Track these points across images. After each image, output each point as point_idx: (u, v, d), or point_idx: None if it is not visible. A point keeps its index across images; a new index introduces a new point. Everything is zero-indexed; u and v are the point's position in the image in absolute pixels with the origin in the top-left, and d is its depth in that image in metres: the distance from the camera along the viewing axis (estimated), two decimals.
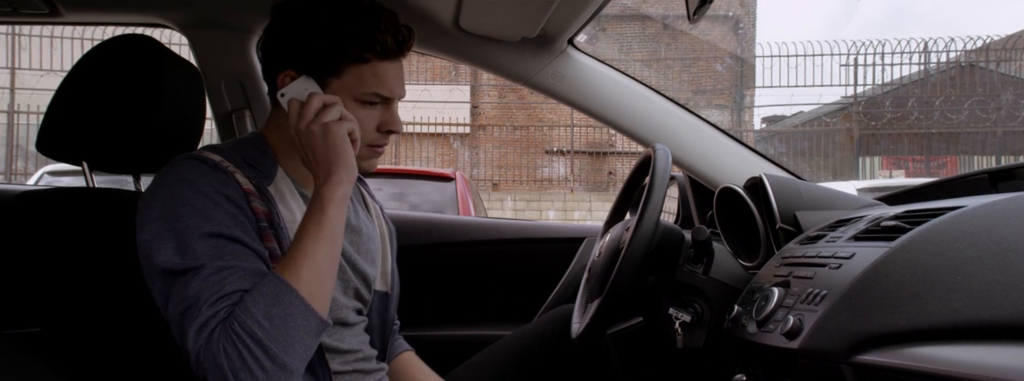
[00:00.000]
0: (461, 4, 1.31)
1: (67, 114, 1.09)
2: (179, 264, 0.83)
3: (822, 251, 0.91)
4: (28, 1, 1.42)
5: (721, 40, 12.28)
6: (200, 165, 0.91)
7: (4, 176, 9.53)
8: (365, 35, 0.95)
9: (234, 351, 0.79)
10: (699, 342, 1.10)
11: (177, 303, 0.83)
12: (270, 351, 0.80)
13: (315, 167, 0.91)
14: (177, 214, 0.86)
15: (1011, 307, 0.62)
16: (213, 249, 0.84)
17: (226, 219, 0.87)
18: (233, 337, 0.79)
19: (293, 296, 0.82)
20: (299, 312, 0.82)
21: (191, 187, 0.88)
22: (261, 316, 0.80)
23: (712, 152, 1.51)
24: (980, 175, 1.13)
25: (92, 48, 1.11)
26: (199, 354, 0.80)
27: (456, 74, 11.75)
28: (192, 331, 0.80)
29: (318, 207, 0.88)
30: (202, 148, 0.97)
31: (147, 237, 0.86)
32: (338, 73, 0.97)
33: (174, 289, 0.83)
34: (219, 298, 0.82)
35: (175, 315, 0.83)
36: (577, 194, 10.79)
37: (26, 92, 9.52)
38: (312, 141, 0.91)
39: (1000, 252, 0.68)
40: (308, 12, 0.97)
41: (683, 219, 1.76)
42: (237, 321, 0.80)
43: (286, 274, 0.83)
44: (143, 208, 0.89)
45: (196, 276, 0.82)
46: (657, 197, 1.06)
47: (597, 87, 1.50)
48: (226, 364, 0.79)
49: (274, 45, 1.00)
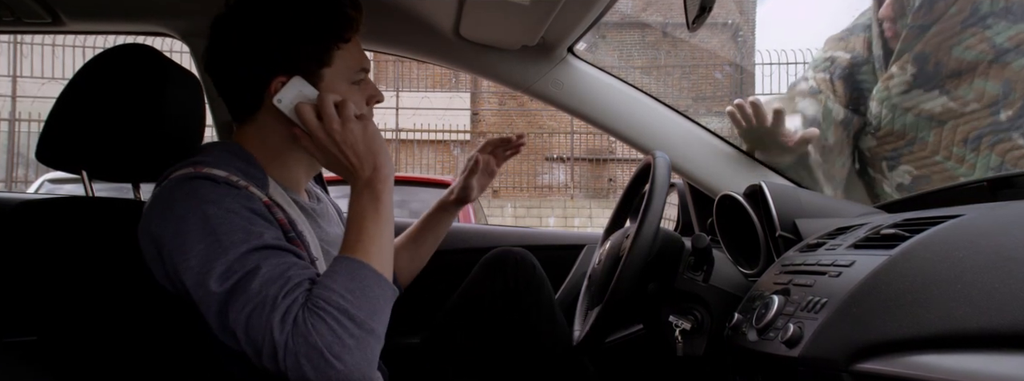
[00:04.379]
0: (461, 12, 1.32)
1: (67, 123, 1.09)
2: (231, 280, 0.83)
3: (822, 259, 0.91)
4: (31, 10, 1.42)
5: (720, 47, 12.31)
6: (214, 185, 0.90)
7: (4, 184, 9.53)
8: (340, 16, 0.97)
9: (323, 326, 0.79)
10: (699, 350, 1.10)
11: (240, 308, 0.81)
12: (357, 318, 0.81)
13: (357, 164, 0.93)
14: (217, 236, 0.85)
15: (1011, 316, 0.62)
16: (261, 257, 0.85)
17: (264, 231, 0.87)
18: (319, 313, 0.80)
19: (367, 270, 0.86)
20: (375, 283, 0.85)
21: (219, 207, 0.87)
22: (342, 290, 0.82)
23: (712, 159, 1.52)
24: (980, 183, 1.14)
25: (93, 57, 1.12)
26: (288, 341, 0.79)
27: (456, 81, 11.77)
28: (276, 322, 0.79)
29: (373, 196, 0.92)
30: (191, 163, 0.95)
31: (193, 264, 0.84)
32: (330, 62, 0.98)
33: (231, 300, 0.82)
34: (291, 288, 0.82)
35: (241, 319, 0.81)
36: (577, 201, 10.78)
37: (27, 100, 9.54)
38: (351, 139, 0.92)
39: (1000, 260, 0.68)
40: (274, 12, 0.96)
41: (683, 226, 1.76)
42: (320, 298, 0.81)
43: (356, 253, 0.87)
44: (174, 235, 0.86)
45: (254, 278, 0.82)
46: (657, 204, 1.06)
47: (597, 95, 1.51)
48: (318, 340, 0.78)
49: (251, 54, 0.97)
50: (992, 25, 1.55)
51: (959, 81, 1.58)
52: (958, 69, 1.58)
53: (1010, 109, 1.54)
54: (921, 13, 1.61)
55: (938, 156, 1.62)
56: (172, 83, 1.12)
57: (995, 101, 1.55)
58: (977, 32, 1.56)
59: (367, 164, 0.93)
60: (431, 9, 1.37)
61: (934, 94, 1.62)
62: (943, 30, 1.59)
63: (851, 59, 1.76)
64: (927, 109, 1.63)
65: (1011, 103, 1.54)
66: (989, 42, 1.55)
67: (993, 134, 1.55)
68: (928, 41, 1.61)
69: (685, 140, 1.51)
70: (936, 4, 1.60)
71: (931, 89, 1.62)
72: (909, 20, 1.63)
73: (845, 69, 1.76)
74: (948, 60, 1.59)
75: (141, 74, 1.10)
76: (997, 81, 1.55)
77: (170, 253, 0.86)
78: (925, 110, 1.63)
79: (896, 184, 1.71)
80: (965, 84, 1.58)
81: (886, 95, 1.69)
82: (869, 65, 1.74)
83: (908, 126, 1.66)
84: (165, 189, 0.92)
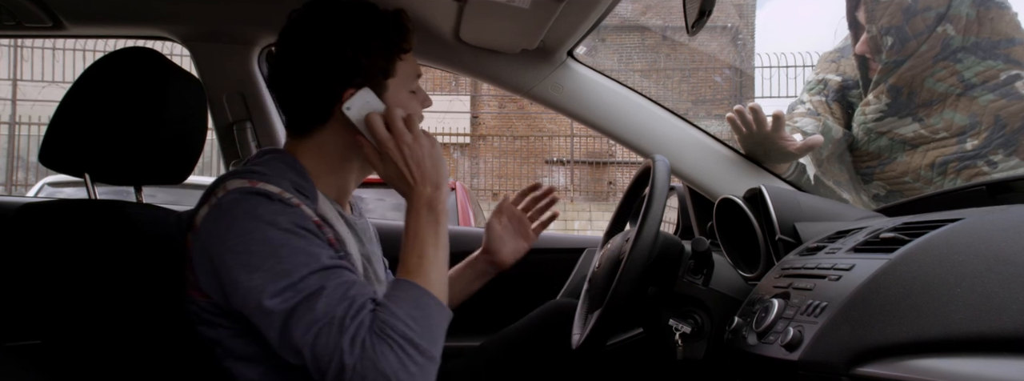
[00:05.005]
0: (461, 16, 1.32)
1: (70, 126, 1.09)
2: (295, 298, 0.85)
3: (822, 262, 0.92)
4: (32, 14, 1.43)
5: (720, 51, 12.32)
6: (269, 202, 0.91)
7: (4, 187, 9.52)
8: (401, 30, 1.03)
9: (391, 352, 0.83)
10: (699, 353, 1.10)
11: (306, 328, 0.84)
12: (420, 347, 0.85)
13: (419, 179, 0.96)
14: (278, 256, 0.87)
15: (1010, 319, 0.62)
16: (323, 277, 0.87)
17: (321, 252, 0.90)
18: (387, 340, 0.83)
19: (429, 297, 0.90)
20: (436, 311, 0.90)
21: (276, 227, 0.88)
22: (407, 318, 0.85)
23: (711, 163, 1.52)
24: (978, 187, 1.14)
25: (96, 61, 1.12)
26: (357, 365, 0.82)
27: (456, 84, 11.79)
28: (346, 344, 0.82)
29: (433, 216, 0.95)
30: (246, 174, 0.96)
31: (255, 284, 0.86)
32: (394, 72, 1.03)
33: (294, 320, 0.84)
34: (357, 310, 0.85)
35: (308, 339, 0.83)
36: (577, 204, 10.78)
37: (28, 103, 9.54)
38: (418, 154, 0.96)
39: (998, 264, 0.68)
40: (344, 25, 0.99)
41: (683, 230, 1.76)
42: (387, 325, 0.84)
43: (417, 279, 0.91)
44: (234, 253, 0.88)
45: (319, 297, 0.85)
46: (657, 208, 1.06)
47: (597, 98, 1.51)
48: (386, 367, 0.82)
49: (324, 65, 0.99)
50: (962, 59, 1.66)
51: (930, 110, 1.68)
52: (929, 99, 1.68)
53: (976, 139, 1.64)
54: (894, 51, 1.70)
55: (907, 177, 1.72)
56: (174, 86, 1.13)
57: (963, 131, 1.65)
58: (948, 65, 1.66)
59: (430, 181, 0.96)
60: (431, 13, 1.38)
61: (907, 121, 1.71)
62: (915, 65, 1.68)
63: (842, 82, 1.85)
64: (900, 134, 1.72)
65: (977, 134, 1.64)
66: (958, 76, 1.65)
67: (959, 161, 1.65)
68: (901, 75, 1.70)
69: (685, 143, 1.51)
70: (908, 43, 1.69)
71: (904, 117, 1.71)
72: (884, 56, 1.71)
73: (837, 92, 1.85)
74: (920, 91, 1.69)
75: (144, 77, 1.10)
76: (965, 113, 1.65)
77: (230, 269, 0.88)
78: (898, 135, 1.73)
79: (872, 194, 1.80)
80: (935, 114, 1.68)
81: (863, 119, 1.78)
82: (858, 88, 1.82)
83: (882, 148, 1.76)
84: (224, 205, 0.92)
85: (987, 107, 1.63)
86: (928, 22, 1.66)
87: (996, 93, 1.63)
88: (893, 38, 1.69)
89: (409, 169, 0.96)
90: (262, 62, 1.67)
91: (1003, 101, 1.63)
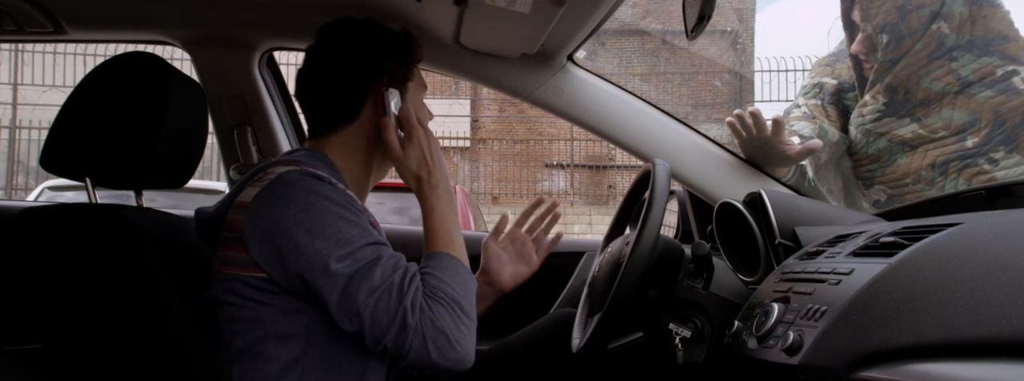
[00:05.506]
0: (461, 21, 1.33)
1: (71, 130, 1.10)
2: (354, 265, 0.94)
3: (821, 267, 0.92)
4: (33, 19, 1.43)
5: (719, 55, 12.33)
6: (322, 183, 0.99)
7: (4, 191, 9.53)
8: (412, 42, 1.18)
9: (447, 313, 0.95)
10: (699, 358, 1.10)
11: (367, 293, 0.93)
12: (466, 308, 0.97)
13: (437, 171, 1.10)
14: (337, 226, 0.96)
15: (1009, 324, 0.62)
16: (377, 250, 0.98)
17: (371, 230, 1.00)
18: (441, 303, 0.95)
19: (462, 266, 1.03)
20: (469, 278, 1.03)
21: (334, 202, 0.98)
22: (453, 282, 0.98)
23: (711, 167, 1.52)
24: (978, 192, 1.14)
25: (97, 65, 1.13)
26: (418, 324, 0.92)
27: (456, 88, 11.80)
28: (408, 306, 0.92)
29: (451, 205, 1.09)
30: (291, 161, 1.06)
31: (319, 248, 0.94)
32: (412, 77, 1.18)
33: (353, 285, 0.93)
34: (410, 277, 0.96)
35: (370, 303, 0.93)
36: (577, 207, 10.78)
37: (28, 107, 9.55)
38: (436, 148, 1.11)
39: (998, 269, 0.69)
40: (369, 36, 1.14)
41: (683, 234, 1.76)
42: (438, 290, 0.97)
43: (451, 250, 1.04)
44: (297, 223, 0.96)
45: (376, 266, 0.95)
46: (657, 212, 1.07)
47: (597, 102, 1.51)
48: (444, 325, 0.94)
49: (357, 66, 1.13)
50: (958, 58, 1.67)
51: (928, 110, 1.69)
52: (926, 99, 1.69)
53: (976, 136, 1.64)
54: (889, 49, 1.71)
55: (908, 179, 1.73)
56: (175, 91, 1.13)
57: (962, 129, 1.66)
58: (944, 64, 1.67)
59: (444, 172, 1.10)
60: (431, 17, 1.38)
61: (905, 121, 1.72)
62: (911, 63, 1.69)
63: (838, 85, 1.85)
64: (899, 135, 1.73)
65: (977, 131, 1.65)
66: (954, 74, 1.66)
67: (960, 159, 1.65)
68: (897, 74, 1.71)
69: (684, 147, 1.52)
70: (903, 41, 1.70)
71: (902, 117, 1.72)
72: (880, 55, 1.71)
73: (833, 95, 1.86)
74: (917, 90, 1.70)
75: (144, 82, 1.10)
76: (963, 111, 1.65)
77: (292, 237, 0.95)
78: (897, 136, 1.73)
79: (873, 200, 1.80)
80: (933, 113, 1.68)
81: (861, 121, 1.77)
82: (854, 91, 1.82)
83: (882, 150, 1.76)
84: (280, 184, 1.00)
85: (986, 104, 1.64)
86: (922, 20, 1.67)
87: (994, 89, 1.64)
88: (889, 36, 1.69)
89: (432, 156, 1.10)
90: (263, 66, 1.67)
91: (1001, 97, 1.63)
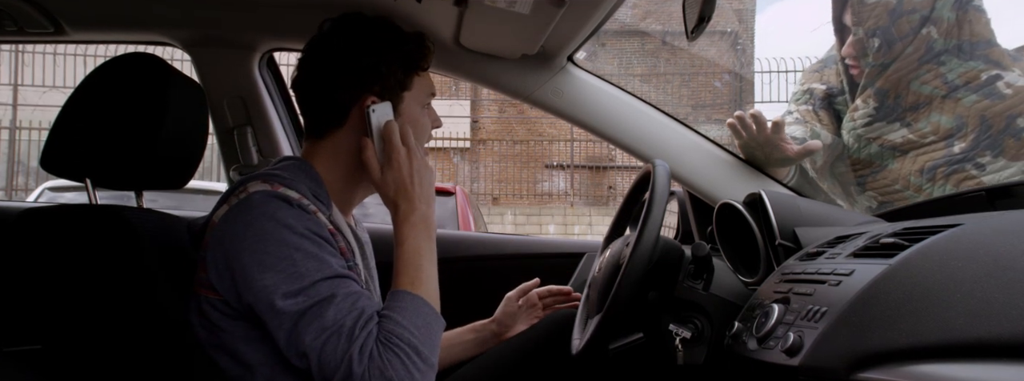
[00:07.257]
0: (461, 21, 1.33)
1: (72, 131, 1.10)
2: (306, 303, 0.88)
3: (822, 268, 0.92)
4: (34, 20, 1.43)
5: (719, 56, 12.33)
6: (288, 207, 0.94)
7: (4, 192, 9.53)
8: (421, 49, 1.10)
9: (397, 361, 0.87)
10: (699, 359, 1.10)
11: (315, 334, 0.87)
12: (423, 355, 0.89)
13: (418, 194, 1.01)
14: (292, 259, 0.90)
15: (1009, 325, 0.62)
16: (334, 285, 0.90)
17: (332, 260, 0.93)
18: (394, 349, 0.88)
19: (427, 307, 0.94)
20: (434, 320, 0.94)
21: (292, 231, 0.91)
22: (411, 326, 0.90)
23: (711, 168, 1.52)
24: (978, 192, 1.14)
25: (98, 66, 1.13)
26: (365, 373, 0.86)
27: (456, 89, 11.80)
28: (355, 353, 0.86)
29: (428, 234, 1.00)
30: (266, 177, 0.99)
31: (268, 283, 0.89)
32: (410, 86, 1.08)
33: (302, 324, 0.88)
34: (366, 320, 0.89)
35: (317, 345, 0.87)
36: (577, 208, 10.78)
37: (28, 108, 9.55)
38: (422, 171, 1.01)
39: (998, 270, 0.69)
40: (369, 37, 1.05)
41: (683, 234, 1.76)
42: (394, 334, 0.88)
43: (417, 290, 0.95)
44: (251, 252, 0.91)
45: (329, 305, 0.88)
46: (657, 213, 1.07)
47: (597, 103, 1.51)
48: (394, 375, 0.86)
49: (347, 71, 1.04)
50: (945, 62, 1.67)
51: (917, 114, 1.70)
52: (916, 102, 1.70)
53: (963, 141, 1.65)
54: (881, 53, 1.71)
55: (897, 185, 1.73)
56: (175, 91, 1.13)
57: (950, 134, 1.66)
58: (932, 68, 1.68)
59: (427, 198, 1.01)
60: (431, 18, 1.38)
61: (895, 126, 1.73)
62: (901, 67, 1.70)
63: (827, 90, 1.87)
64: (890, 140, 1.73)
65: (964, 136, 1.66)
66: (942, 78, 1.67)
67: (947, 165, 1.66)
68: (888, 78, 1.72)
69: (685, 148, 1.51)
70: (894, 45, 1.70)
71: (892, 121, 1.73)
72: (871, 59, 1.72)
73: (823, 100, 1.87)
74: (907, 94, 1.70)
75: (145, 82, 1.10)
76: (951, 115, 1.66)
77: (244, 267, 0.90)
78: (888, 141, 1.74)
79: (864, 207, 1.81)
80: (923, 117, 1.69)
81: (853, 126, 1.79)
82: (844, 96, 1.84)
83: (873, 155, 1.77)
84: (243, 205, 0.95)
85: (971, 108, 1.65)
86: (913, 24, 1.68)
87: (979, 94, 1.65)
88: (880, 40, 1.70)
89: (412, 181, 1.00)
90: (263, 67, 1.67)
91: (986, 101, 1.65)
